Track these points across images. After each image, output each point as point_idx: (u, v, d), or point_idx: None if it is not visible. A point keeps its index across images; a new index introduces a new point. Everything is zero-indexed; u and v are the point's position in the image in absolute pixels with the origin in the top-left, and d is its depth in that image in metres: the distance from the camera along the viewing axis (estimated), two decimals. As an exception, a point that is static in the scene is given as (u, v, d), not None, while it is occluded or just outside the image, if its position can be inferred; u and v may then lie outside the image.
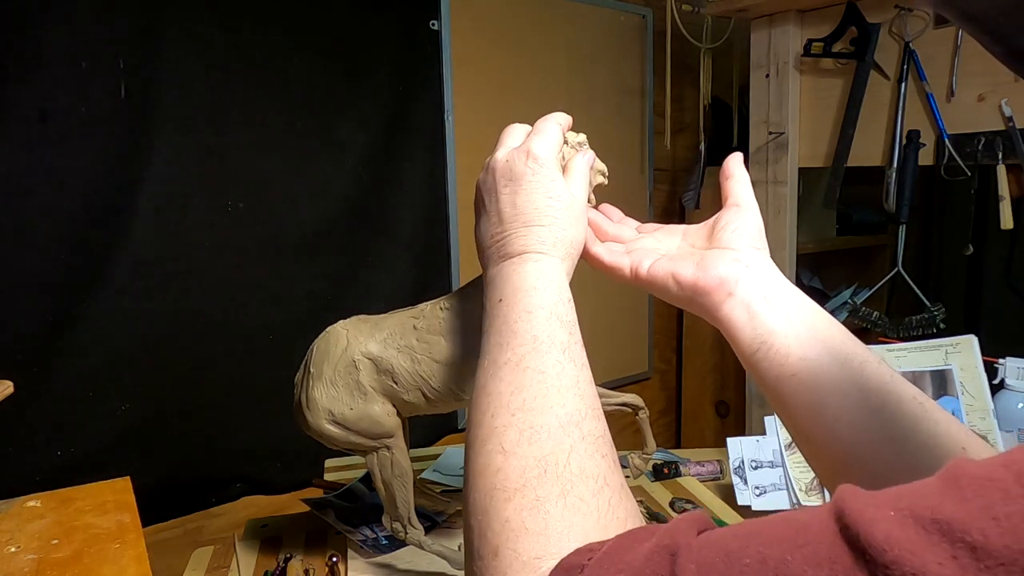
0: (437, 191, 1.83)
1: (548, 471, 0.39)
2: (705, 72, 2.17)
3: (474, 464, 0.42)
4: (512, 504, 0.38)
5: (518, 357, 0.45)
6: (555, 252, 0.52)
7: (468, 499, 0.41)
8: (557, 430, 0.41)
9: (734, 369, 2.27)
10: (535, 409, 0.42)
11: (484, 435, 0.43)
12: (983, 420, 1.00)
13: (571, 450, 0.40)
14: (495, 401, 0.44)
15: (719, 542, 0.29)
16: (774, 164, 1.86)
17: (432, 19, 1.77)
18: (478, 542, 0.39)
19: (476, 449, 0.43)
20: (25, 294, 1.29)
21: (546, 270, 0.51)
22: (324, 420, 0.77)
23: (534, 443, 0.40)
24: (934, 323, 1.61)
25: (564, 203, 0.54)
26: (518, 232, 0.53)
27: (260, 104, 1.52)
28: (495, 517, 0.38)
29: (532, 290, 0.49)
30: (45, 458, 1.32)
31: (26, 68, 1.25)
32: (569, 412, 0.42)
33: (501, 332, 0.48)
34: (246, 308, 1.54)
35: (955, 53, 1.52)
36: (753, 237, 0.55)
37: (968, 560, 0.23)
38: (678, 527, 0.32)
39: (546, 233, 0.52)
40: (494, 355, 0.47)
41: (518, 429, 0.41)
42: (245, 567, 0.93)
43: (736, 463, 1.08)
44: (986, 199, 1.72)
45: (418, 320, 0.75)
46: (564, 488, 0.38)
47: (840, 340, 0.49)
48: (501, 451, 0.41)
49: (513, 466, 0.40)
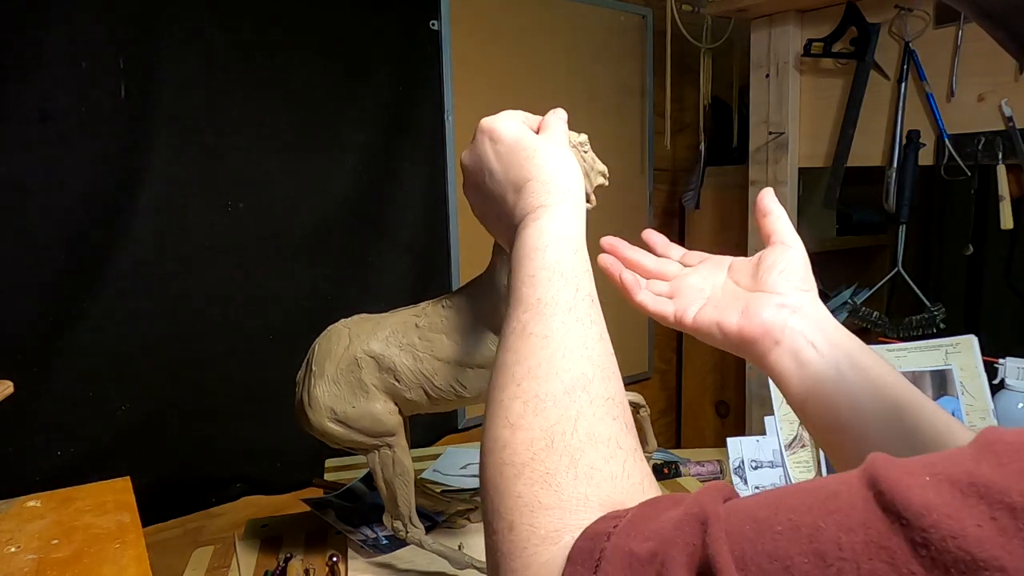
0: (437, 191, 1.82)
1: (555, 441, 0.38)
2: (705, 72, 2.17)
3: (484, 440, 0.41)
4: (522, 479, 0.37)
5: (522, 324, 0.44)
6: (554, 199, 0.51)
7: (481, 476, 0.41)
8: (563, 396, 0.40)
9: (734, 369, 2.27)
10: (539, 377, 0.41)
11: (492, 410, 0.42)
12: (983, 420, 1.00)
13: (578, 416, 0.39)
14: (502, 373, 0.43)
15: (747, 510, 0.29)
16: (774, 164, 1.86)
17: (432, 19, 1.77)
18: (492, 517, 0.38)
19: (486, 425, 0.42)
20: (25, 294, 1.29)
21: (547, 226, 0.49)
22: (326, 418, 0.77)
23: (539, 413, 0.39)
24: (934, 323, 1.61)
25: (536, 150, 0.53)
26: (512, 201, 0.52)
27: (260, 104, 1.51)
28: (506, 493, 0.38)
29: (534, 251, 0.48)
30: (45, 458, 1.32)
31: (26, 68, 1.25)
32: (575, 376, 0.41)
33: (511, 303, 0.47)
34: (246, 308, 1.54)
35: (955, 53, 1.52)
36: (799, 278, 0.53)
37: (1008, 521, 0.23)
38: (705, 496, 0.31)
39: (538, 186, 0.51)
40: (505, 328, 0.46)
41: (523, 400, 0.40)
42: (245, 567, 0.93)
43: (736, 463, 1.08)
44: (986, 199, 1.71)
45: (420, 318, 0.75)
46: (573, 457, 0.37)
47: (893, 386, 0.48)
48: (508, 425, 0.40)
49: (520, 439, 0.39)
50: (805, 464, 1.04)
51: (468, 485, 1.16)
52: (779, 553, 0.27)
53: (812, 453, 1.05)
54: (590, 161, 0.64)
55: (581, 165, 0.63)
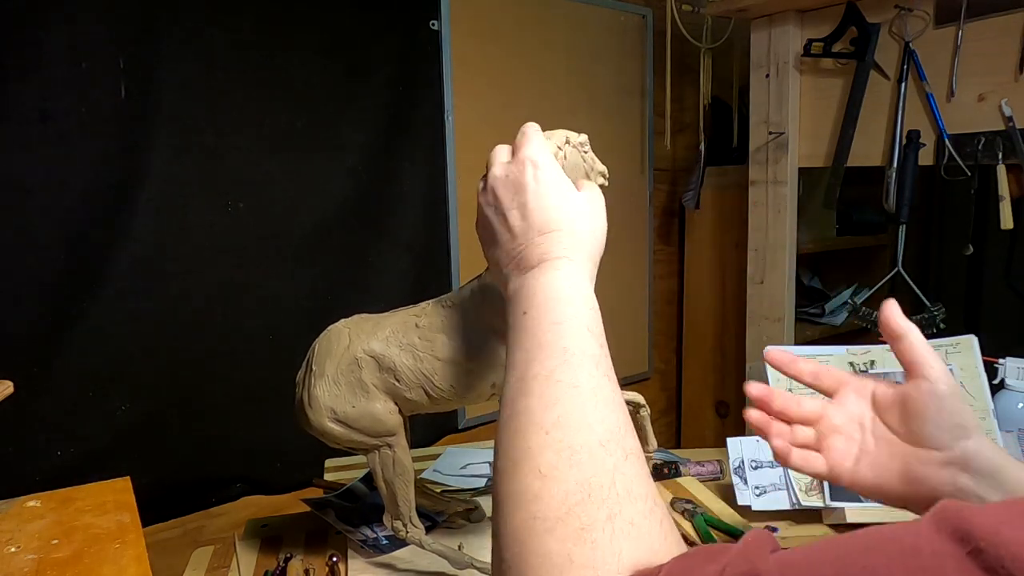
0: (437, 191, 1.82)
1: (592, 495, 0.36)
2: (705, 72, 2.17)
3: (506, 489, 0.38)
4: (555, 535, 0.35)
5: (548, 370, 0.42)
6: (576, 256, 0.50)
7: (500, 529, 0.38)
8: (598, 449, 0.38)
9: (734, 369, 2.27)
10: (571, 426, 0.39)
11: (516, 457, 0.39)
12: (983, 420, 1.00)
13: (615, 470, 0.37)
14: (526, 419, 0.40)
15: (806, 567, 0.27)
16: (774, 164, 1.86)
17: (432, 19, 1.77)
18: (510, 573, 0.35)
19: (508, 473, 0.39)
20: (25, 294, 1.29)
21: (571, 278, 0.48)
22: (326, 418, 0.77)
23: (574, 465, 0.37)
24: (934, 323, 1.61)
25: (576, 203, 0.52)
26: (534, 242, 0.50)
27: (260, 104, 1.51)
28: (534, 551, 0.35)
29: (558, 300, 0.46)
30: (45, 458, 1.32)
31: (26, 68, 1.25)
32: (609, 428, 0.39)
33: (527, 345, 0.45)
34: (246, 308, 1.53)
35: (955, 53, 1.52)
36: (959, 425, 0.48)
37: None
38: (751, 551, 0.29)
39: (564, 238, 0.50)
40: (521, 370, 0.43)
41: (555, 450, 0.38)
42: (245, 567, 0.93)
43: (736, 463, 1.08)
44: (986, 199, 1.72)
45: (420, 318, 0.75)
46: (611, 511, 0.35)
47: None
48: (538, 475, 0.37)
49: (553, 492, 0.36)
50: (805, 464, 1.04)
51: (468, 485, 1.16)
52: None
53: (812, 453, 1.05)
54: (590, 161, 0.64)
55: (581, 165, 0.63)
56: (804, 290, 2.27)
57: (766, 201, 1.89)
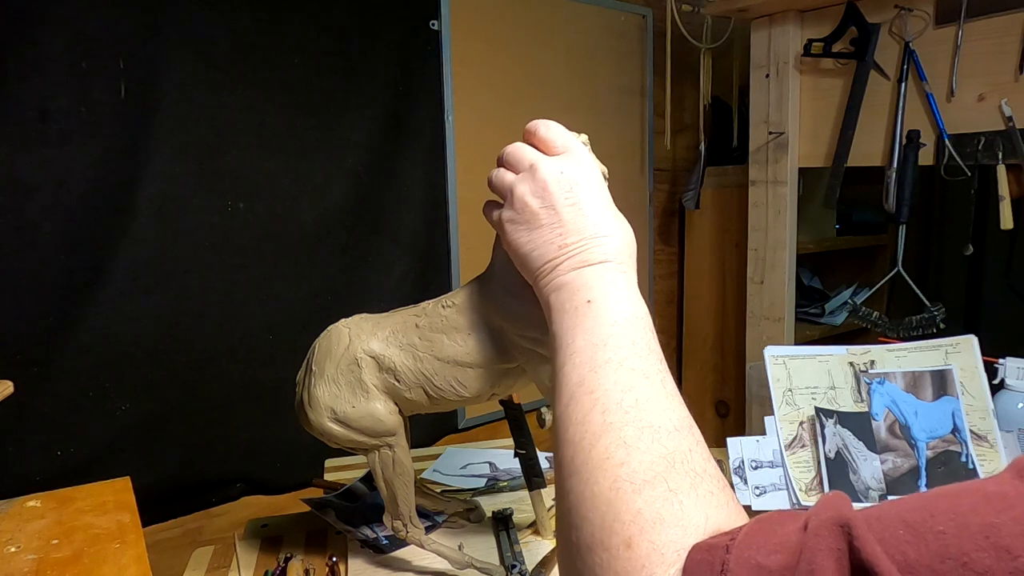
0: (437, 191, 1.82)
1: (676, 465, 0.38)
2: (705, 72, 2.17)
3: (588, 458, 0.41)
4: (643, 495, 0.37)
5: (620, 358, 0.45)
6: (630, 265, 0.53)
7: (584, 493, 0.39)
8: (674, 432, 0.40)
9: (734, 369, 2.27)
10: (648, 410, 0.42)
11: (596, 430, 0.41)
12: (983, 420, 1.00)
13: (690, 451, 0.40)
14: (603, 398, 0.43)
15: (892, 516, 0.29)
16: (774, 164, 1.86)
17: (432, 19, 1.77)
18: (601, 534, 0.37)
19: (588, 443, 0.41)
20: (25, 294, 1.29)
21: (631, 283, 0.51)
22: (326, 418, 0.77)
23: (656, 441, 0.40)
24: (934, 323, 1.61)
25: (611, 207, 0.55)
26: (595, 241, 0.52)
27: (260, 104, 1.51)
28: (624, 508, 0.37)
29: (623, 299, 0.49)
30: (45, 458, 1.32)
31: (26, 68, 1.25)
32: (680, 417, 0.42)
33: (594, 332, 0.47)
34: (246, 308, 1.53)
35: (955, 53, 1.52)
36: None
37: None
38: (836, 500, 0.31)
39: (621, 244, 0.53)
40: (589, 354, 0.46)
41: (637, 426, 0.40)
42: (245, 567, 0.92)
43: (736, 463, 1.08)
44: (986, 199, 1.72)
45: (420, 318, 0.75)
46: (694, 481, 0.37)
47: None
48: (623, 444, 0.40)
49: (638, 459, 0.39)
50: (805, 464, 1.04)
51: (468, 485, 1.16)
52: (951, 552, 0.26)
53: (812, 453, 1.05)
54: (590, 161, 0.64)
55: None
56: (804, 290, 2.27)
57: (766, 201, 1.90)
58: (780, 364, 1.03)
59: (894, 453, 0.97)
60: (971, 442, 0.98)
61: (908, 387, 1.00)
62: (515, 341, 0.70)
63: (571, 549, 0.40)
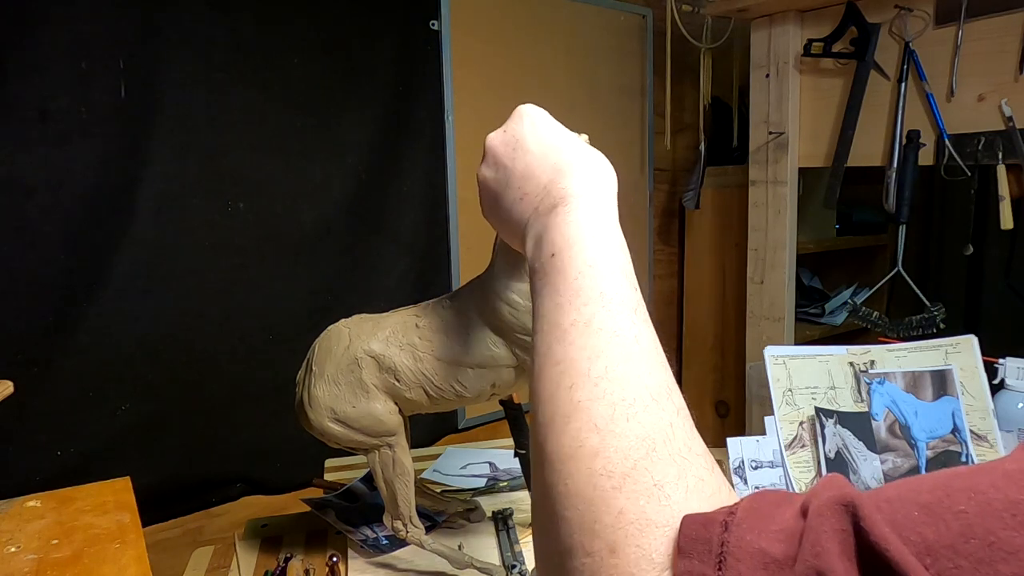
0: (437, 191, 1.82)
1: (658, 447, 0.33)
2: (705, 72, 2.17)
3: (558, 447, 0.36)
4: (623, 492, 0.32)
5: (586, 317, 0.39)
6: (596, 193, 0.47)
7: (556, 488, 0.35)
8: (651, 403, 0.35)
9: (734, 369, 2.27)
10: (620, 378, 0.36)
11: (567, 411, 0.36)
12: (983, 420, 1.00)
13: (672, 425, 0.35)
14: (569, 369, 0.37)
15: (902, 498, 0.27)
16: (774, 164, 1.86)
17: (432, 19, 1.77)
18: (581, 537, 0.33)
19: (558, 428, 0.36)
20: (25, 294, 1.29)
21: (597, 216, 0.45)
22: (326, 418, 0.77)
23: (631, 419, 0.34)
24: (934, 323, 1.61)
25: (577, 142, 0.51)
26: (551, 180, 0.48)
27: (260, 104, 1.51)
28: (605, 509, 0.32)
29: (588, 239, 0.43)
30: (45, 458, 1.32)
31: (26, 68, 1.25)
32: (658, 381, 0.37)
33: (559, 290, 0.41)
34: (246, 308, 1.54)
35: (955, 53, 1.52)
36: None
37: None
38: (835, 482, 0.29)
39: (585, 177, 0.47)
40: (554, 317, 0.40)
41: (608, 403, 0.35)
42: (245, 567, 0.92)
43: (736, 463, 1.08)
44: (986, 199, 1.72)
45: (420, 318, 0.75)
46: (680, 468, 0.33)
47: None
48: (594, 429, 0.34)
49: (614, 447, 0.34)
50: (805, 464, 1.04)
51: (468, 485, 1.16)
52: (975, 531, 0.25)
53: (812, 453, 1.05)
54: (590, 161, 0.64)
55: None
56: (804, 290, 2.27)
57: (766, 201, 1.90)
58: (780, 364, 1.03)
59: (894, 453, 0.97)
60: (971, 442, 0.98)
61: (908, 387, 1.00)
62: (515, 341, 0.71)
63: (549, 548, 0.36)
